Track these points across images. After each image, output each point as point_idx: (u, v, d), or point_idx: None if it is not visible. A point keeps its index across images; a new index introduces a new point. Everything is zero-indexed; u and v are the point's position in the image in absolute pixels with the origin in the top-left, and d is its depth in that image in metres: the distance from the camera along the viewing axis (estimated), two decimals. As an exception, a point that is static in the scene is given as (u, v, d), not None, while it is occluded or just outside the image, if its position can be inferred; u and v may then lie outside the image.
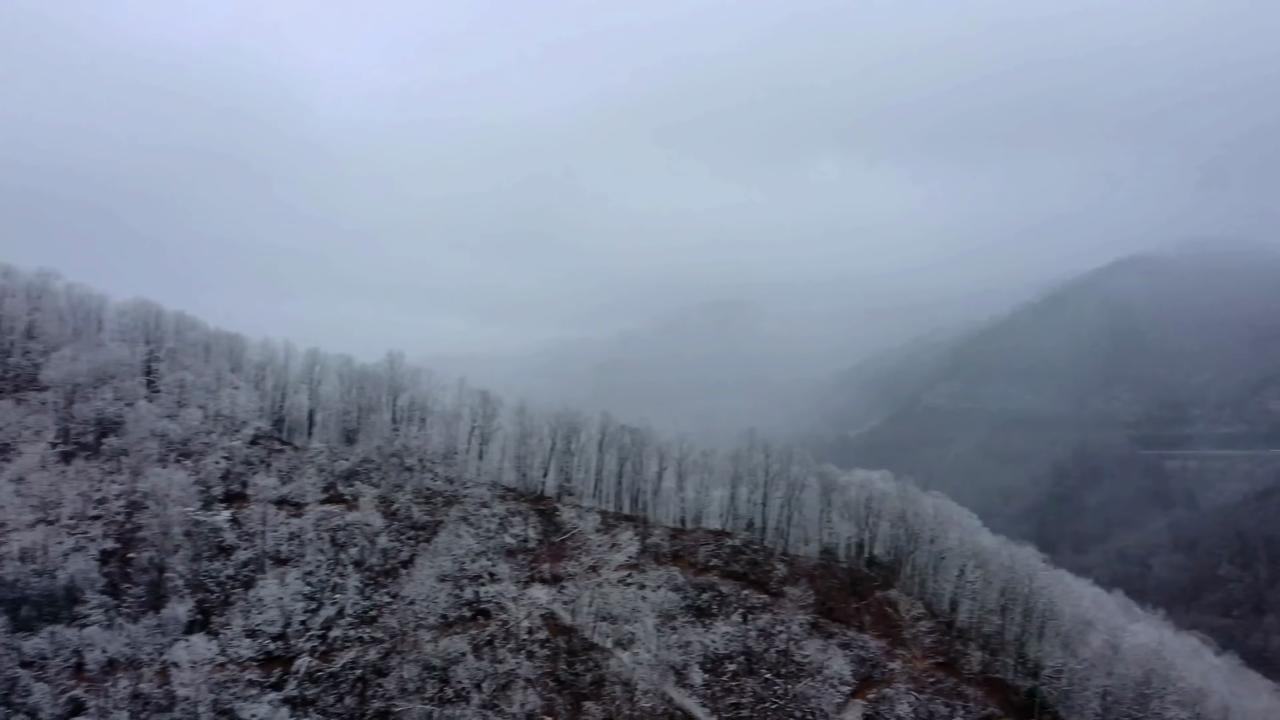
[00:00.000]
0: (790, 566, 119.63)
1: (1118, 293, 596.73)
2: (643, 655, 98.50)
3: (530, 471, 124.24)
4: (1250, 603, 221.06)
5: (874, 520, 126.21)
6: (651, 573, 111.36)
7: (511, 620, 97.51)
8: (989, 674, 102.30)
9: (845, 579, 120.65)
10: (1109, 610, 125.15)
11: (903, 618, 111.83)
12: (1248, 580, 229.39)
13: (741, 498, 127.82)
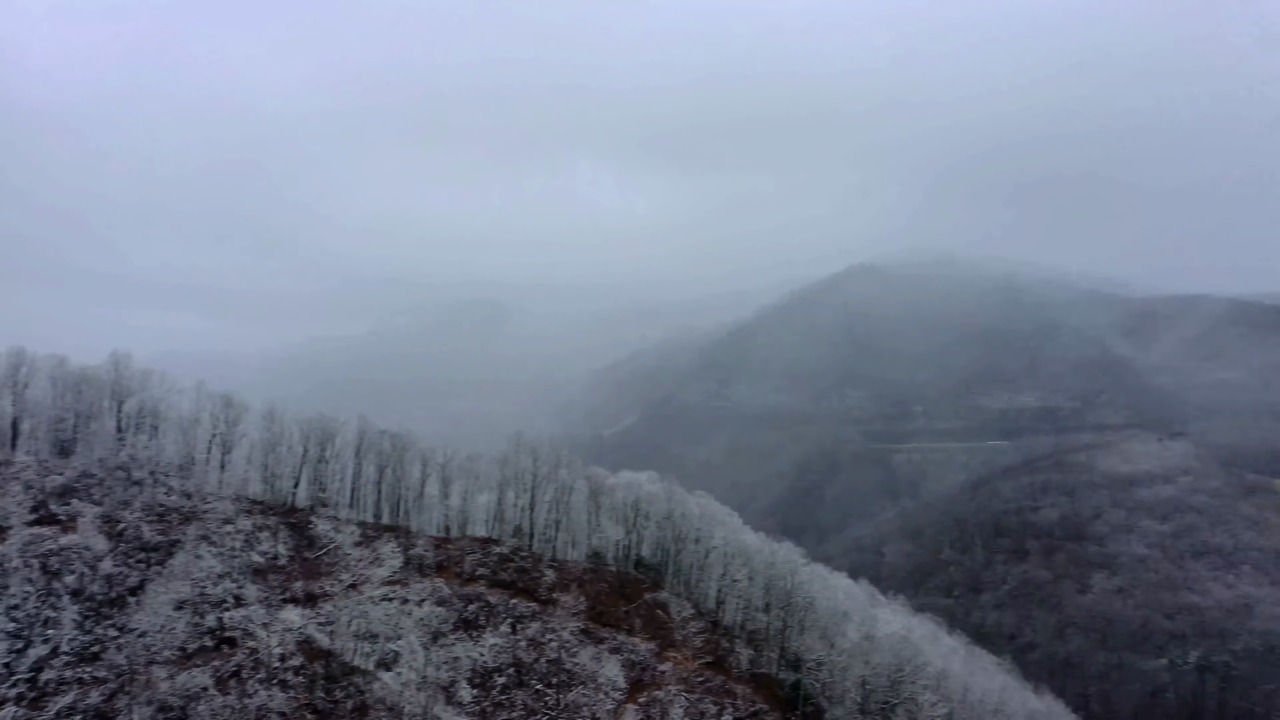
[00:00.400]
0: (559, 572, 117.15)
1: (853, 298, 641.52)
2: (408, 675, 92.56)
3: (280, 482, 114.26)
4: (969, 583, 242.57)
5: (642, 522, 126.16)
6: (415, 586, 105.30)
7: (261, 648, 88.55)
8: (756, 670, 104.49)
9: (614, 582, 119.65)
10: (859, 600, 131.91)
11: (672, 619, 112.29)
12: (967, 563, 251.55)
13: (509, 503, 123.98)
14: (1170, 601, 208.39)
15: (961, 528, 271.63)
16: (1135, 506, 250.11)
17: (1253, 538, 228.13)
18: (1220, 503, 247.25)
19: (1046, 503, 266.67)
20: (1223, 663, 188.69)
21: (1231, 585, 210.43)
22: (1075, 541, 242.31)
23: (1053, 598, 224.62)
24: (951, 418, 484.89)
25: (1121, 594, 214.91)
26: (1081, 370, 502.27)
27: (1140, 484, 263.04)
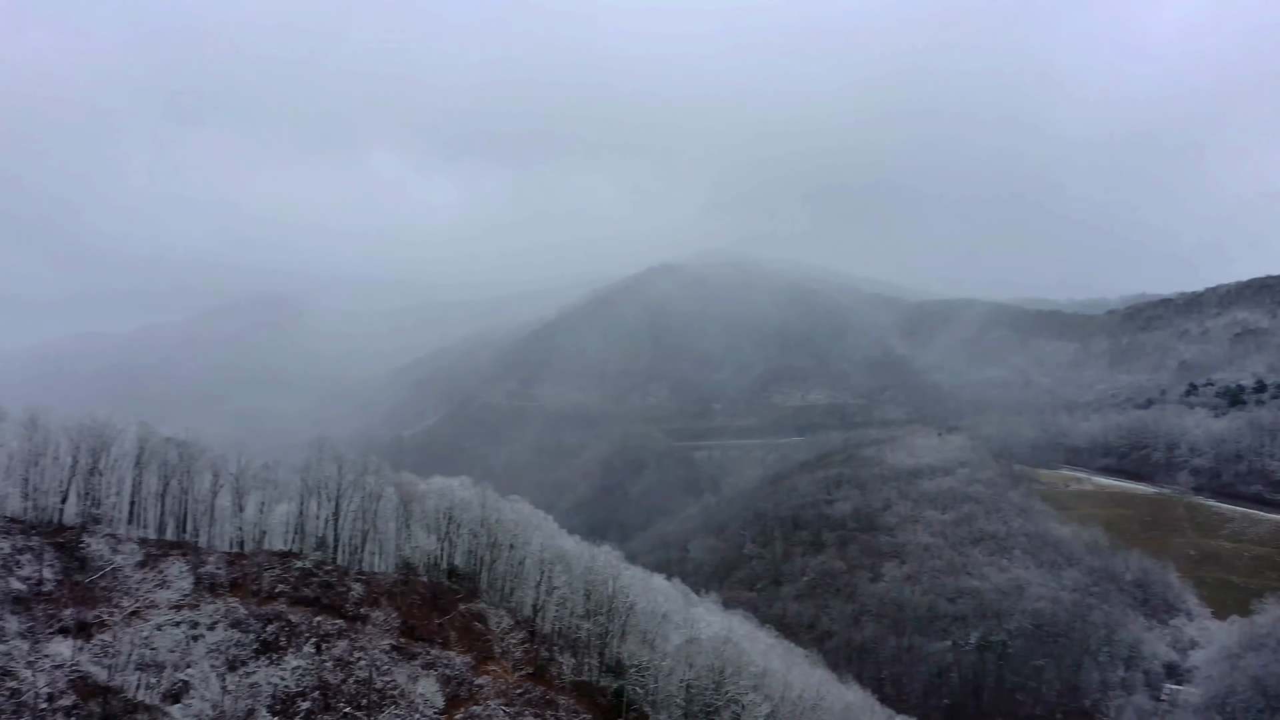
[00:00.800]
0: (367, 586, 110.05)
1: (653, 298, 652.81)
2: (200, 707, 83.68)
3: (45, 497, 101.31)
4: (771, 576, 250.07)
5: (455, 530, 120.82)
6: (207, 608, 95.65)
7: (25, 687, 77.61)
8: (578, 679, 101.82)
9: (427, 594, 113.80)
10: (676, 600, 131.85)
11: (490, 630, 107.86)
12: (768, 556, 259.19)
13: (310, 514, 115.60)
14: (953, 586, 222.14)
15: (762, 522, 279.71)
16: (920, 498, 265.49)
17: (1022, 524, 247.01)
18: (994, 492, 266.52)
19: (840, 496, 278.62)
20: (1000, 641, 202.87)
21: (1005, 569, 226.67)
22: (867, 532, 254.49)
23: (848, 587, 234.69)
24: (749, 415, 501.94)
25: (910, 581, 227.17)
26: (867, 369, 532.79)
27: (924, 476, 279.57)
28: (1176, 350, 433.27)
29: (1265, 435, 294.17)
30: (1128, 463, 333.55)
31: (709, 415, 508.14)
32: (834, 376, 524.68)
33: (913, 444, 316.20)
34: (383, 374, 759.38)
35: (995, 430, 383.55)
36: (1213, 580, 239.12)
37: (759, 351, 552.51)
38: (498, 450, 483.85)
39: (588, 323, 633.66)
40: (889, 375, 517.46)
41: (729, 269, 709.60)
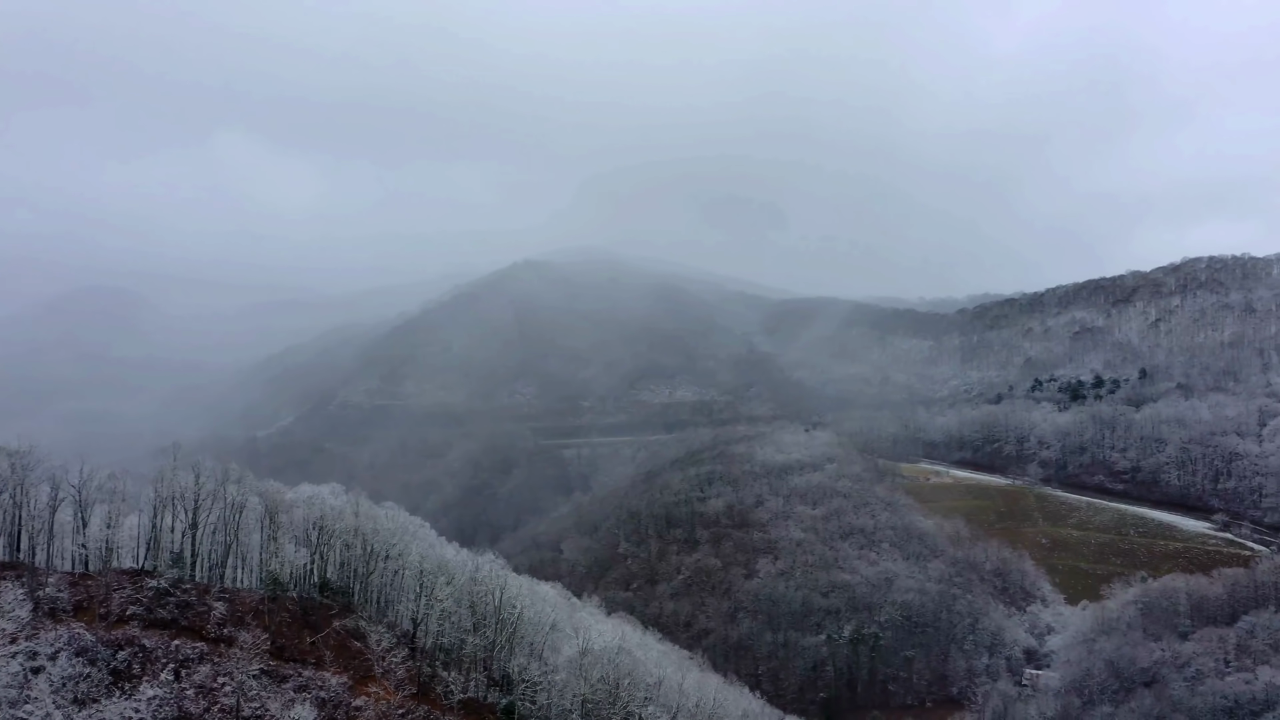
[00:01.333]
0: (231, 604, 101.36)
1: (520, 294, 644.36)
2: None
3: None
4: (646, 575, 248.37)
5: (326, 541, 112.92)
6: (48, 636, 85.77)
7: None
8: (465, 697, 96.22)
9: (298, 611, 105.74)
10: (561, 608, 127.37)
11: (369, 648, 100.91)
12: (643, 555, 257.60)
13: (164, 527, 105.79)
14: (826, 580, 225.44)
15: (636, 520, 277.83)
16: (790, 493, 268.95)
17: (889, 518, 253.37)
18: (861, 487, 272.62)
19: (713, 493, 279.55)
20: (871, 634, 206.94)
21: (874, 562, 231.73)
22: (741, 529, 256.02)
23: (723, 584, 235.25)
24: (618, 412, 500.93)
25: (784, 576, 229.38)
26: (732, 366, 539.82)
27: (794, 472, 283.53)
28: (1022, 348, 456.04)
29: (1105, 428, 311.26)
30: (981, 456, 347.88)
31: (578, 413, 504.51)
32: (701, 374, 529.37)
33: (781, 440, 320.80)
34: (234, 371, 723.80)
35: (858, 425, 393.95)
36: (1064, 567, 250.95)
37: (627, 349, 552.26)
38: (359, 450, 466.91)
39: (453, 319, 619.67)
40: (754, 372, 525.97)
41: (597, 266, 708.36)
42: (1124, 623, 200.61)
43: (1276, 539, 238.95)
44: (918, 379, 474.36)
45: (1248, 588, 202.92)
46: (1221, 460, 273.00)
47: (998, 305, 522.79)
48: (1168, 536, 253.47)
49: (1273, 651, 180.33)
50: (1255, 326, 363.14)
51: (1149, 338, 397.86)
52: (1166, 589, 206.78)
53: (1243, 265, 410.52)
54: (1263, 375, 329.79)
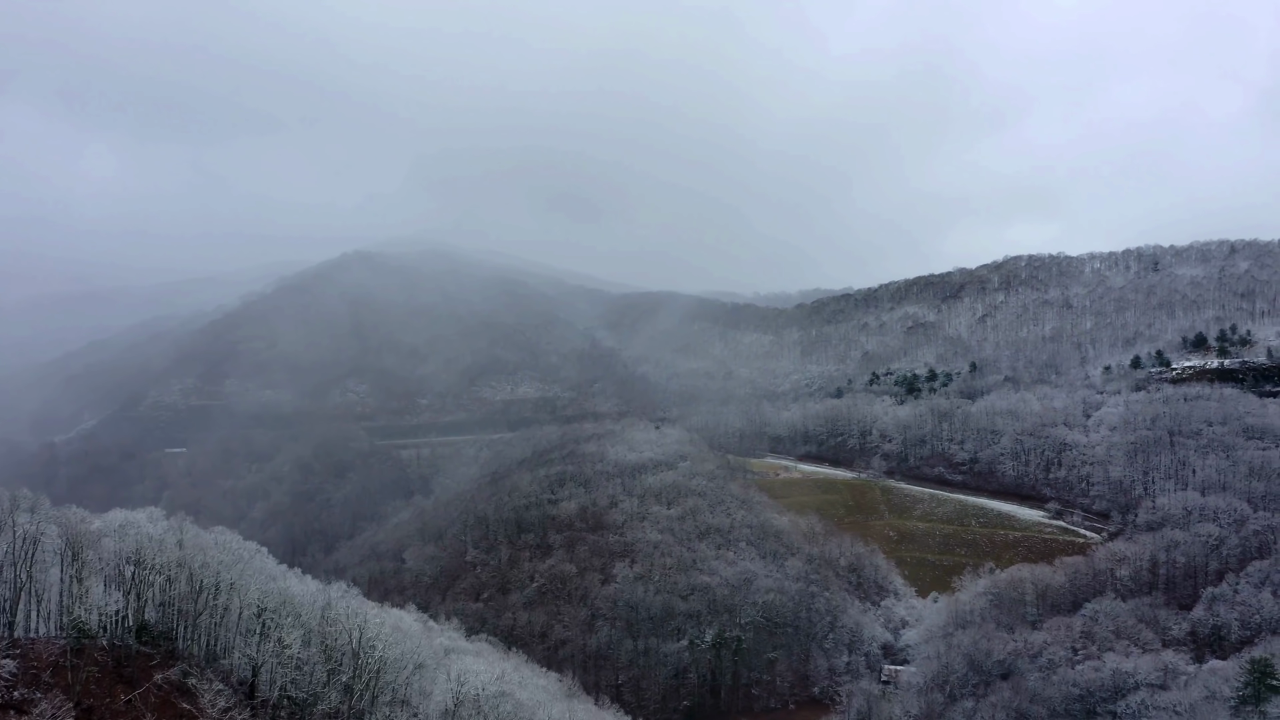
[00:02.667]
0: (24, 660, 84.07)
1: (351, 286, 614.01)
2: None
3: None
4: (497, 584, 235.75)
5: (144, 577, 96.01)
6: None
7: None
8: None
9: (110, 664, 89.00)
10: (422, 640, 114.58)
11: (200, 705, 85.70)
12: (493, 563, 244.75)
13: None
14: (685, 583, 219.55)
15: (484, 526, 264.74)
16: (645, 493, 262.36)
17: (744, 515, 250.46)
18: (715, 485, 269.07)
19: (564, 495, 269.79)
20: (734, 638, 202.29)
21: (733, 562, 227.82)
22: (595, 532, 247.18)
23: (579, 590, 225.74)
24: (457, 410, 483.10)
25: (642, 581, 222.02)
26: (576, 361, 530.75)
27: (647, 471, 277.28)
28: (859, 342, 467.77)
29: (942, 420, 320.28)
30: (826, 449, 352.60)
31: (415, 411, 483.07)
32: (544, 369, 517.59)
33: (632, 438, 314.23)
34: (25, 370, 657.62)
35: (704, 420, 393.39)
36: (912, 559, 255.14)
37: (466, 344, 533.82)
38: (175, 456, 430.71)
39: (279, 312, 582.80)
40: (598, 367, 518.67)
41: (432, 258, 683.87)
42: (977, 614, 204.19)
43: (1106, 526, 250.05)
44: (760, 373, 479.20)
45: (1087, 575, 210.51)
46: (1052, 450, 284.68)
47: (834, 300, 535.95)
48: (1007, 526, 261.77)
49: (1116, 638, 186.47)
50: (1073, 322, 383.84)
51: (977, 332, 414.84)
52: (1013, 579, 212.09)
53: (1059, 264, 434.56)
54: (1081, 368, 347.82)
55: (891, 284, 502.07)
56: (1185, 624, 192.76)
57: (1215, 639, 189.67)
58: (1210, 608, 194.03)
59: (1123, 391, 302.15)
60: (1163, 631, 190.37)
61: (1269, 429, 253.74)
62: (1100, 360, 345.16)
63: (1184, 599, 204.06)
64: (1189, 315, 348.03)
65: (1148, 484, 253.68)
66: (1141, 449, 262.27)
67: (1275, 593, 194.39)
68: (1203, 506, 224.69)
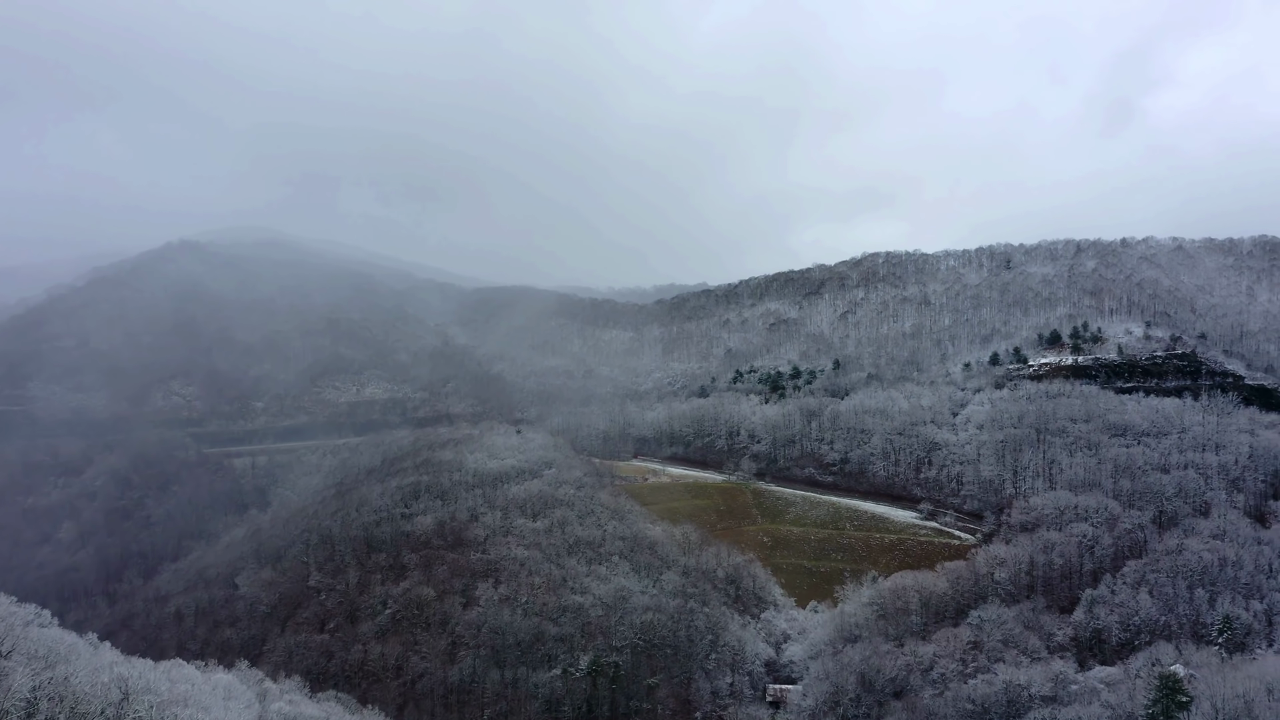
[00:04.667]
0: None
1: (178, 278, 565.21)
2: None
3: None
4: (345, 612, 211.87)
5: None
6: None
7: None
8: None
9: None
10: (250, 709, 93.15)
11: None
12: (340, 588, 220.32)
13: None
14: (555, 604, 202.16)
15: (329, 545, 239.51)
16: (509, 505, 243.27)
17: (616, 526, 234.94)
18: (584, 494, 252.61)
19: (420, 508, 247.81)
20: (610, 663, 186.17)
21: (606, 579, 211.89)
22: (455, 550, 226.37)
23: (439, 616, 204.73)
24: (298, 413, 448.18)
25: (508, 603, 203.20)
26: (427, 360, 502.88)
27: (510, 480, 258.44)
28: (721, 339, 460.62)
29: (811, 420, 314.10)
30: (693, 451, 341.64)
31: (249, 415, 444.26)
32: (393, 368, 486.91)
33: (492, 443, 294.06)
34: None
35: (565, 422, 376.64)
36: (788, 566, 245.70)
37: (307, 342, 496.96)
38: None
39: (90, 307, 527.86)
40: (451, 366, 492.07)
41: (270, 248, 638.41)
42: (863, 627, 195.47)
43: (979, 527, 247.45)
44: (622, 371, 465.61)
45: (970, 581, 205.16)
46: (922, 450, 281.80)
47: (695, 296, 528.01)
48: (882, 529, 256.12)
49: (1004, 647, 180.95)
50: (932, 319, 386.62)
51: (839, 329, 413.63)
52: (897, 588, 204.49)
53: (915, 261, 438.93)
54: (942, 365, 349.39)
55: (752, 280, 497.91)
56: (1068, 629, 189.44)
57: (1096, 642, 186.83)
58: (1090, 610, 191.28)
59: (986, 389, 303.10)
60: (1048, 638, 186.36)
61: (1130, 426, 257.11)
62: (960, 357, 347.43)
63: (1064, 602, 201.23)
64: (1042, 312, 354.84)
65: (1018, 483, 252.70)
66: (1010, 447, 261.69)
67: (1152, 593, 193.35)
68: (1075, 506, 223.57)
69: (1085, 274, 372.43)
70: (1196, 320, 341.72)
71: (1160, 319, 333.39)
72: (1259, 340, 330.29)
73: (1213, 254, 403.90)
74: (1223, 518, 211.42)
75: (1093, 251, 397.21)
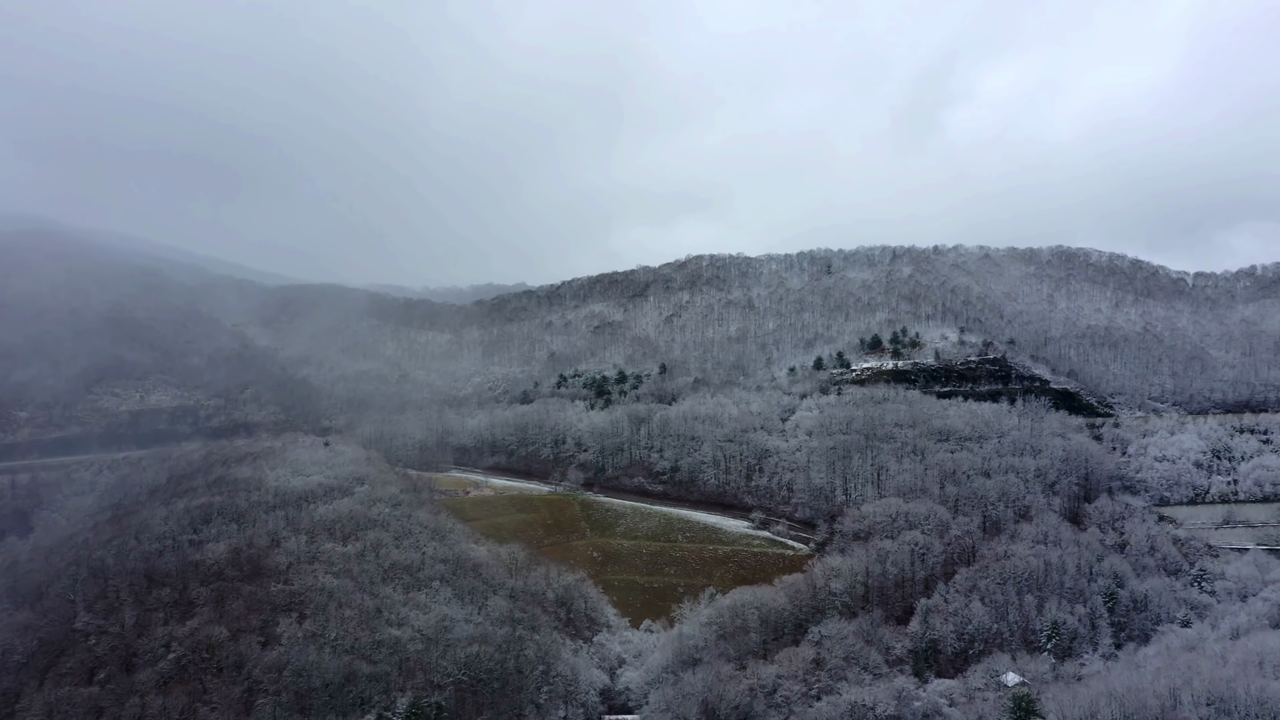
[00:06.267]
0: None
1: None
2: None
3: None
4: (120, 659, 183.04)
5: None
6: None
7: None
8: None
9: None
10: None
11: None
12: (114, 630, 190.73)
13: None
14: (369, 639, 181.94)
15: (101, 579, 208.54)
16: (315, 528, 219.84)
17: (437, 548, 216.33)
18: (400, 512, 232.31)
19: (211, 534, 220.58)
20: (433, 703, 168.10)
21: (426, 607, 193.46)
22: (253, 581, 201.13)
23: (233, 659, 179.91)
24: (69, 424, 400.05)
25: (315, 640, 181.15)
26: (222, 363, 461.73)
27: (317, 499, 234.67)
28: (544, 341, 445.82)
29: (640, 427, 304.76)
30: (517, 460, 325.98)
31: (12, 426, 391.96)
32: (183, 373, 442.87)
33: (297, 458, 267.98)
34: None
35: (378, 430, 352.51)
36: (620, 583, 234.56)
37: (82, 344, 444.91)
38: None
39: None
40: (250, 370, 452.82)
41: (36, 238, 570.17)
42: (704, 649, 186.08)
43: (812, 535, 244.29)
44: (439, 376, 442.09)
45: (808, 595, 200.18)
46: (753, 457, 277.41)
47: (516, 297, 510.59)
48: (715, 540, 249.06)
49: (846, 664, 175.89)
50: (757, 322, 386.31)
51: (665, 332, 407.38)
52: (736, 606, 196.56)
53: (739, 264, 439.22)
54: (767, 369, 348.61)
55: (575, 281, 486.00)
56: (906, 640, 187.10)
57: (933, 653, 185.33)
58: (926, 620, 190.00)
59: (814, 394, 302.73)
60: (886, 651, 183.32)
61: (953, 431, 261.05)
62: (785, 361, 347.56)
63: (899, 612, 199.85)
64: (863, 317, 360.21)
65: (849, 490, 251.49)
66: (840, 454, 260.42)
67: (984, 600, 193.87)
68: (906, 513, 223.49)
69: (902, 280, 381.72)
70: (1005, 326, 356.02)
71: (973, 325, 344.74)
72: (1061, 345, 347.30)
73: (1016, 262, 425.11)
74: (1044, 521, 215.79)
75: (908, 258, 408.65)
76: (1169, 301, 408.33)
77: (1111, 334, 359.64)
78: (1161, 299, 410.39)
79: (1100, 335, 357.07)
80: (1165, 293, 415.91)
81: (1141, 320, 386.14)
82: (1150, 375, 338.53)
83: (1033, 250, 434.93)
